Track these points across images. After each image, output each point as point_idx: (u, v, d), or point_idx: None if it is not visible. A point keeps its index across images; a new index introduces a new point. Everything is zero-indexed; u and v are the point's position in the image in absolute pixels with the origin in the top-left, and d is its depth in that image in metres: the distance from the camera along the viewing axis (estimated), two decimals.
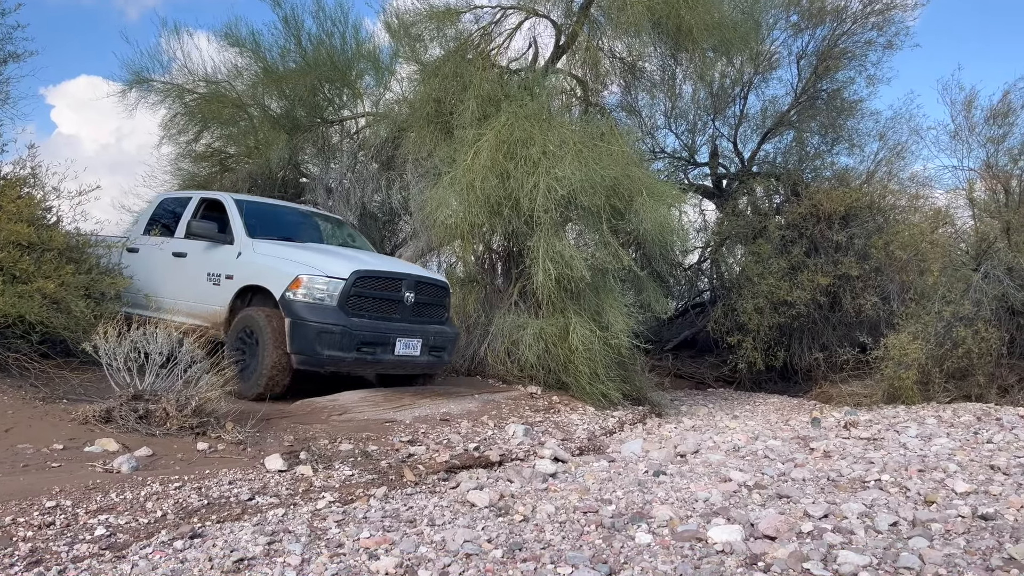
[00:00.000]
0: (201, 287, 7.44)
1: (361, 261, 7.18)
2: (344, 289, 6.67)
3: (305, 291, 6.61)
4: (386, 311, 7.02)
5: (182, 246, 7.85)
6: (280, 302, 6.65)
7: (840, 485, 4.68)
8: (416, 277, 7.37)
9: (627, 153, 8.98)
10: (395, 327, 7.01)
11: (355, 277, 6.76)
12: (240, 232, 7.43)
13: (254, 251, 7.20)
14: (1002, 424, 6.59)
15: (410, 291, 7.19)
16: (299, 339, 6.49)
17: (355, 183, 10.84)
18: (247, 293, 7.12)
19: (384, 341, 6.88)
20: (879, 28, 11.64)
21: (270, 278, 6.85)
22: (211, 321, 7.24)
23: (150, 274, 7.92)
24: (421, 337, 7.16)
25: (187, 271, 7.64)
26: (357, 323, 6.67)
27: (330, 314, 6.57)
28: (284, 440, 5.35)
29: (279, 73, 11.29)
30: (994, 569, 3.03)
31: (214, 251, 7.49)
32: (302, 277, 6.63)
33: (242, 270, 7.15)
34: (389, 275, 7.14)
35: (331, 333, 6.51)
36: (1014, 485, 4.48)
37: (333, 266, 6.82)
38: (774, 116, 12.53)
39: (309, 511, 4.00)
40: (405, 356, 7.06)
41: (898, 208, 11.46)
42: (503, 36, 10.40)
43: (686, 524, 3.74)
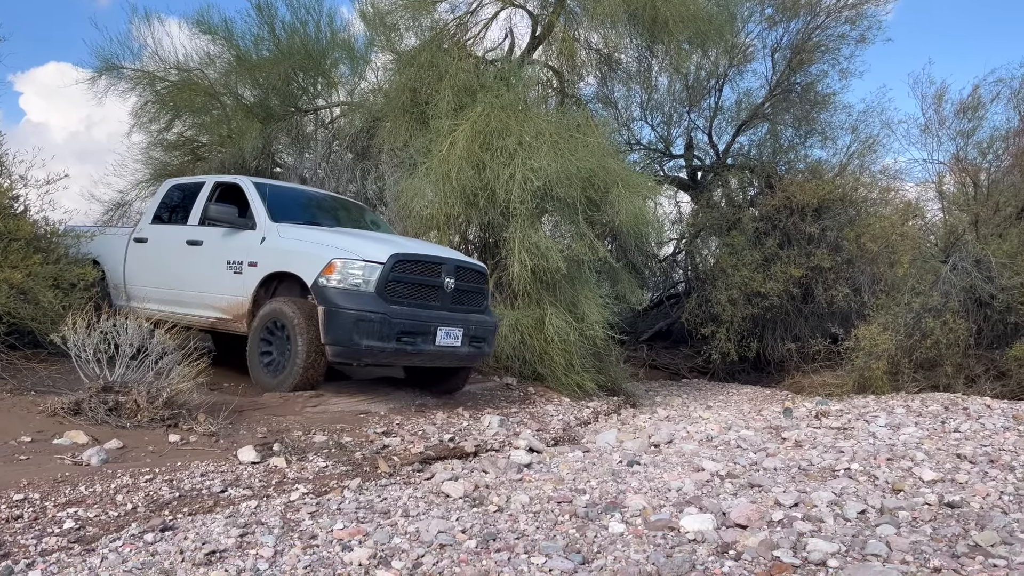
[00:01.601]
0: (220, 276, 6.96)
1: (398, 244, 6.70)
2: (382, 274, 6.19)
3: (340, 277, 6.12)
4: (426, 298, 6.53)
5: (197, 233, 7.35)
6: (312, 289, 6.20)
7: (810, 474, 4.74)
8: (456, 261, 6.87)
9: (603, 145, 9.01)
10: (435, 315, 6.51)
11: (393, 261, 6.27)
12: (263, 216, 6.91)
13: (280, 236, 6.70)
14: (969, 414, 6.70)
15: (450, 277, 6.68)
16: (335, 329, 6.02)
17: (330, 173, 10.76)
18: (272, 282, 6.70)
19: (425, 330, 6.39)
20: (852, 22, 11.76)
21: (300, 264, 6.37)
22: (232, 313, 6.84)
23: (161, 265, 7.54)
24: (462, 326, 6.67)
25: (203, 260, 7.16)
26: (397, 311, 6.19)
27: (368, 301, 6.10)
28: (257, 432, 5.31)
29: (252, 61, 11.17)
30: (960, 555, 3.09)
31: (234, 237, 6.98)
32: (336, 262, 6.14)
33: (268, 256, 6.65)
34: (429, 259, 6.62)
35: (369, 321, 6.03)
36: (980, 473, 4.56)
37: (369, 250, 6.34)
38: (748, 109, 12.62)
39: (282, 503, 3.97)
40: (446, 347, 6.56)
41: (870, 201, 11.61)
42: (479, 26, 10.37)
43: (659, 513, 3.77)
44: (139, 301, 7.57)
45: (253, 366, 6.49)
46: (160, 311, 7.26)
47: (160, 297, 7.43)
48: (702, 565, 2.99)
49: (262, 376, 6.41)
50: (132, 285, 7.82)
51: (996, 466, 4.71)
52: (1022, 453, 5.00)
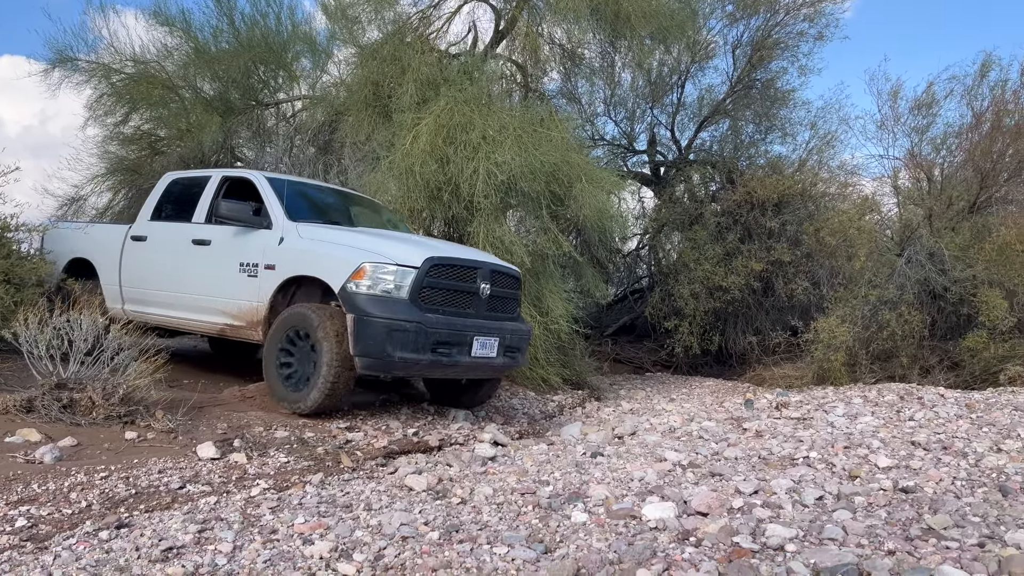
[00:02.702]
0: (231, 279, 6.39)
1: (430, 246, 6.21)
2: (416, 279, 5.67)
3: (370, 282, 5.58)
4: (461, 305, 6.01)
5: (204, 232, 6.79)
6: (340, 295, 5.64)
7: (770, 463, 4.81)
8: (491, 265, 6.36)
9: (567, 139, 9.02)
10: (471, 324, 5.99)
11: (429, 265, 5.75)
12: (279, 214, 6.38)
13: (300, 236, 6.15)
14: (923, 402, 6.85)
15: (485, 282, 6.15)
16: (365, 339, 5.46)
17: (291, 167, 10.62)
18: (289, 286, 6.16)
19: (461, 340, 5.87)
20: (810, 20, 11.92)
21: (326, 267, 5.83)
22: (245, 319, 6.29)
23: (163, 266, 7.00)
24: (498, 335, 6.17)
25: (212, 261, 6.62)
26: (432, 319, 5.68)
27: (401, 309, 5.58)
28: (217, 428, 5.23)
29: (211, 54, 10.97)
30: (913, 538, 3.15)
31: (247, 237, 6.43)
32: (366, 266, 5.60)
33: (287, 258, 6.09)
34: (466, 263, 6.11)
35: (404, 331, 5.52)
36: (933, 460, 4.67)
37: (402, 252, 5.81)
38: (710, 105, 12.74)
39: (243, 498, 3.92)
40: (481, 358, 6.05)
41: (828, 195, 11.80)
42: (442, 20, 10.33)
43: (621, 503, 3.80)
44: (137, 305, 7.17)
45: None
46: (161, 316, 6.97)
47: (161, 301, 6.97)
48: (663, 552, 3.02)
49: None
50: (129, 287, 7.31)
51: (949, 452, 4.83)
52: (974, 440, 5.13)
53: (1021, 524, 3.26)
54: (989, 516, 3.40)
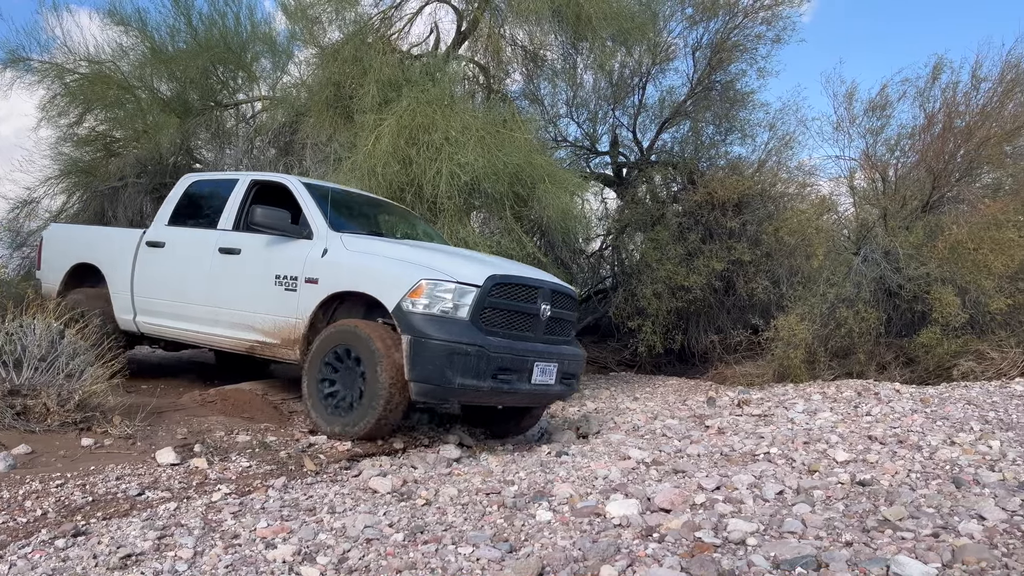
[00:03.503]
0: (266, 293, 5.91)
1: (491, 263, 5.79)
2: (478, 299, 5.24)
3: (428, 301, 5.14)
4: (521, 328, 5.60)
5: (232, 240, 6.30)
6: (395, 314, 5.19)
7: (732, 459, 4.88)
8: (552, 285, 5.95)
9: (529, 141, 9.06)
10: (531, 348, 5.58)
11: (491, 284, 5.33)
12: (321, 224, 5.91)
13: (346, 248, 5.68)
14: (880, 398, 7.00)
15: (546, 303, 5.75)
16: (423, 363, 5.04)
17: (252, 169, 10.50)
18: (331, 302, 5.70)
19: (522, 366, 5.46)
20: (768, 23, 12.07)
21: (379, 283, 5.36)
22: (280, 336, 5.83)
23: (183, 276, 6.51)
24: (557, 361, 5.77)
25: (242, 272, 6.13)
26: (494, 343, 5.27)
27: (463, 331, 5.15)
28: (177, 433, 5.15)
29: (168, 54, 10.80)
30: (870, 530, 3.22)
31: (284, 247, 5.94)
32: (424, 283, 5.16)
33: (332, 272, 5.62)
34: (529, 282, 5.70)
35: (465, 355, 5.10)
36: (889, 453, 4.77)
37: (463, 269, 5.39)
38: (671, 106, 12.84)
39: (203, 504, 3.87)
40: (540, 385, 5.64)
41: (787, 196, 11.96)
42: (404, 21, 10.31)
43: (586, 501, 3.82)
44: (151, 316, 6.74)
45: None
46: (180, 330, 6.55)
47: (181, 313, 6.48)
48: (627, 548, 3.05)
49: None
50: (143, 297, 6.82)
51: (904, 446, 4.94)
52: (928, 434, 5.25)
53: (973, 514, 3.34)
54: (943, 507, 3.49)
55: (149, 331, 6.83)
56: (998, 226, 9.00)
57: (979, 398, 6.66)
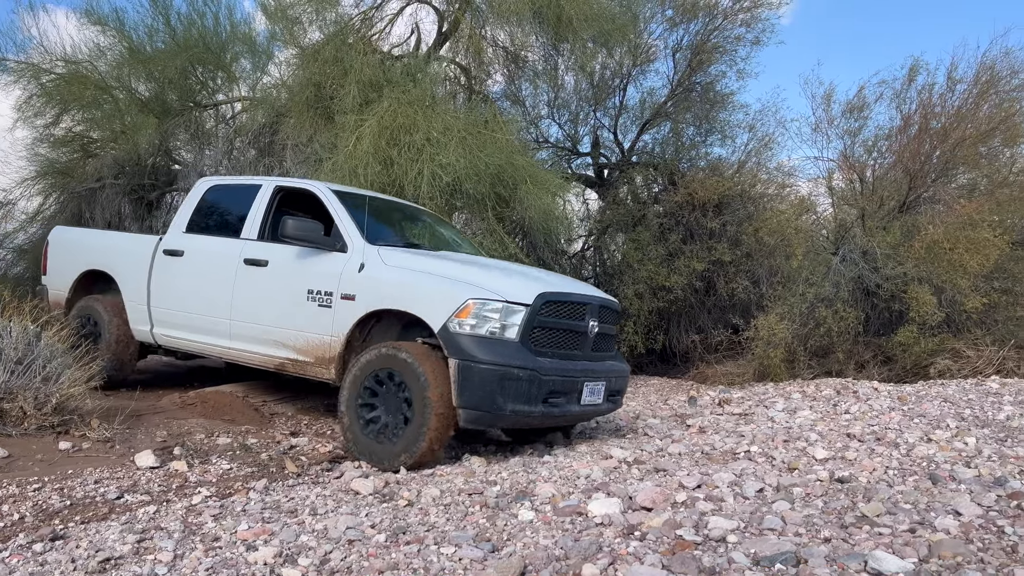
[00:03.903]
0: (297, 309, 5.61)
1: (539, 279, 5.53)
2: (527, 319, 4.99)
3: (475, 321, 4.87)
4: (569, 346, 5.36)
5: (258, 251, 5.99)
6: (441, 336, 4.90)
7: (713, 457, 4.91)
8: (600, 301, 5.71)
9: (511, 142, 9.08)
10: (580, 368, 5.33)
11: (541, 302, 5.08)
12: (355, 236, 5.58)
13: (384, 263, 5.37)
14: (858, 396, 7.07)
15: (594, 319, 5.50)
16: (472, 388, 4.77)
17: (232, 170, 10.44)
18: (368, 320, 5.40)
19: (572, 388, 5.23)
20: (747, 25, 12.18)
21: (424, 302, 5.05)
22: (313, 355, 5.54)
23: (205, 287, 6.22)
24: (604, 380, 5.55)
25: (271, 286, 5.83)
26: (546, 365, 5.01)
27: (513, 353, 4.88)
28: (156, 436, 5.11)
29: (146, 54, 10.73)
30: (848, 526, 3.26)
31: (316, 260, 5.63)
32: (472, 303, 4.87)
33: (370, 288, 5.31)
34: (578, 299, 5.45)
35: (516, 380, 4.83)
36: (867, 450, 4.82)
37: (511, 287, 5.11)
38: (652, 107, 12.91)
39: (183, 507, 3.84)
40: (589, 405, 5.44)
41: (767, 196, 12.07)
42: (384, 21, 10.28)
43: (568, 500, 3.83)
44: (169, 328, 6.47)
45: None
46: (201, 344, 6.28)
47: (202, 326, 6.21)
48: (608, 546, 3.06)
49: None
50: (160, 308, 6.55)
51: (882, 443, 4.99)
52: (906, 431, 5.31)
53: (950, 510, 3.39)
54: (919, 503, 3.53)
55: (167, 343, 6.61)
56: (973, 226, 9.12)
57: (955, 396, 6.75)
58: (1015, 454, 4.43)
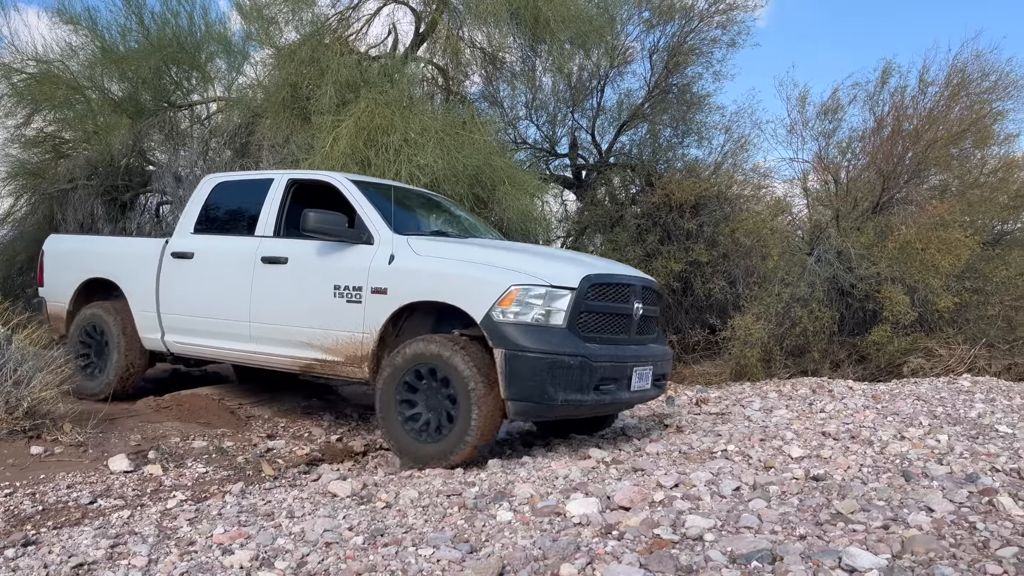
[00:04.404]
0: (324, 306, 5.38)
1: (582, 262, 5.33)
2: (574, 303, 4.81)
3: (519, 308, 4.69)
4: (615, 331, 5.19)
5: (276, 248, 5.75)
6: (485, 326, 4.72)
7: (690, 457, 4.94)
8: (642, 281, 5.54)
9: (489, 143, 9.08)
10: (628, 353, 5.18)
11: (587, 286, 4.90)
12: (381, 226, 5.37)
13: (416, 253, 5.16)
14: (833, 395, 7.15)
15: (639, 301, 5.34)
16: (521, 379, 4.61)
17: (207, 171, 10.33)
18: (400, 314, 5.19)
19: (622, 374, 5.07)
20: (723, 27, 12.27)
21: (463, 292, 4.86)
22: (344, 353, 5.31)
23: (220, 289, 5.96)
24: (651, 364, 5.40)
25: (293, 284, 5.60)
26: (595, 351, 4.86)
27: (561, 340, 4.72)
28: (130, 440, 5.05)
29: (119, 53, 10.60)
30: (823, 523, 3.29)
31: (341, 254, 5.41)
32: (515, 289, 4.70)
33: (403, 280, 5.09)
34: (623, 280, 5.29)
35: (567, 368, 4.67)
36: (842, 448, 4.87)
37: (555, 271, 4.92)
38: (629, 109, 12.97)
39: (158, 511, 3.80)
40: (637, 391, 5.27)
41: (743, 197, 12.17)
42: (361, 22, 10.25)
43: (546, 500, 3.83)
44: (183, 335, 6.20)
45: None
46: (219, 349, 6.04)
47: (219, 331, 5.96)
48: (586, 546, 3.07)
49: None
50: (171, 314, 6.27)
51: (856, 441, 5.05)
52: (879, 429, 5.37)
53: (922, 507, 3.43)
54: (893, 500, 3.57)
55: (180, 351, 6.35)
56: (945, 226, 9.25)
57: (928, 394, 6.84)
58: (986, 451, 4.50)
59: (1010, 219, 11.00)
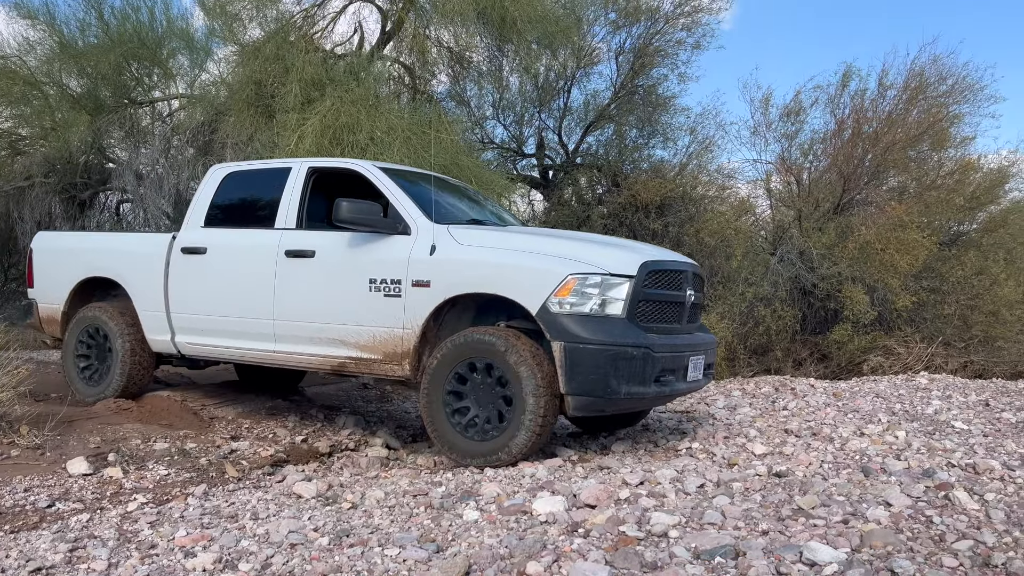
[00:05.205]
0: (358, 301, 5.08)
1: (637, 249, 5.16)
2: (633, 292, 4.62)
3: (577, 298, 4.51)
4: (670, 320, 5.02)
5: (300, 240, 5.42)
6: (541, 317, 4.52)
7: (655, 455, 4.98)
8: (692, 267, 5.37)
9: (456, 142, 9.07)
10: (683, 342, 5.03)
11: (645, 273, 4.71)
12: (418, 215, 5.08)
13: (458, 243, 4.90)
14: (796, 393, 7.26)
15: (690, 288, 5.17)
16: (583, 372, 4.43)
17: (169, 169, 10.19)
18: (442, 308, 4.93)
19: (680, 364, 4.92)
20: (688, 29, 12.40)
21: (516, 282, 4.63)
22: (382, 351, 5.03)
23: (238, 286, 5.61)
24: (704, 353, 5.25)
25: (322, 278, 5.28)
26: (656, 341, 4.69)
27: (623, 330, 4.56)
28: (89, 442, 4.96)
29: (78, 49, 10.40)
30: (785, 518, 3.34)
31: (375, 246, 5.10)
32: (573, 278, 4.51)
33: (448, 272, 4.83)
34: (677, 266, 5.12)
35: (630, 359, 4.50)
36: (804, 445, 4.95)
37: (610, 258, 4.71)
38: (596, 110, 13.04)
39: (118, 514, 3.74)
40: (692, 382, 5.13)
41: (707, 198, 12.30)
42: (327, 19, 10.18)
43: (513, 499, 3.84)
44: (196, 335, 5.84)
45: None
46: (239, 349, 5.69)
47: (238, 330, 5.61)
48: (553, 544, 3.08)
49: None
50: (183, 314, 5.88)
51: (818, 438, 5.14)
52: (840, 426, 5.47)
53: (881, 501, 3.50)
54: (852, 495, 3.64)
55: (193, 352, 6.00)
56: (903, 227, 9.46)
57: (887, 391, 6.97)
58: (942, 446, 4.61)
59: (966, 220, 11.28)
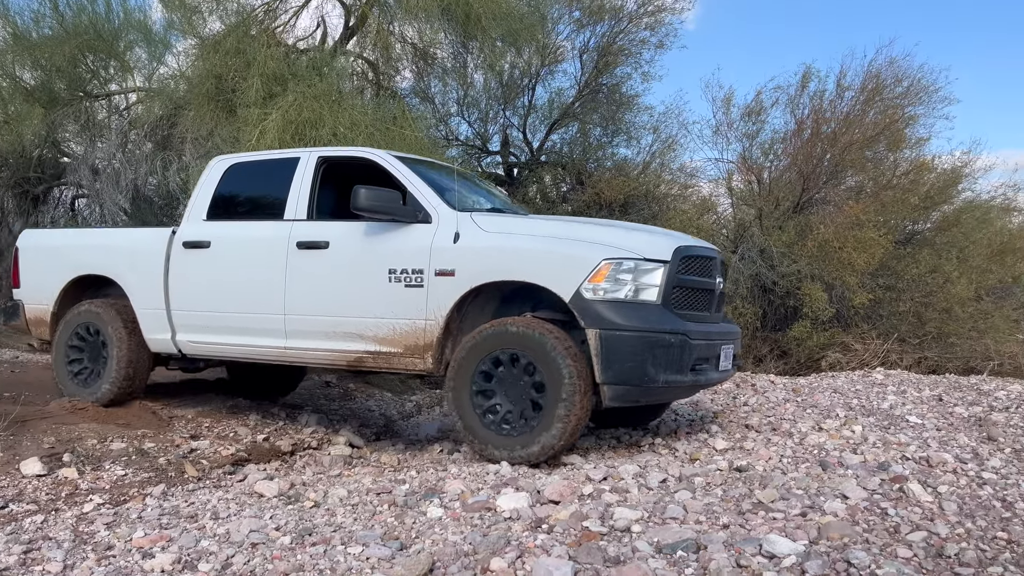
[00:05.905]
0: (377, 292, 4.89)
1: (667, 234, 5.05)
2: (667, 277, 4.49)
3: (611, 284, 4.37)
4: (701, 307, 4.90)
5: (315, 232, 5.20)
6: (575, 305, 4.37)
7: (618, 450, 5.02)
8: (719, 254, 5.25)
9: (420, 139, 9.04)
10: (715, 330, 4.92)
11: (679, 258, 4.61)
12: (438, 203, 4.91)
13: (482, 230, 4.74)
14: (756, 389, 7.36)
15: (719, 275, 5.08)
16: (620, 360, 4.29)
17: (126, 164, 9.99)
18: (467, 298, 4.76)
19: (713, 352, 4.82)
20: (652, 28, 12.51)
21: (548, 269, 4.48)
22: (404, 343, 4.85)
23: (246, 280, 5.41)
24: (733, 341, 5.15)
25: (336, 270, 5.09)
26: (692, 328, 4.56)
27: (660, 317, 4.42)
28: (43, 442, 4.84)
29: (32, 40, 10.17)
30: (745, 512, 3.39)
31: (394, 235, 4.92)
32: (606, 264, 4.37)
33: (474, 260, 4.66)
34: (708, 253, 5.02)
35: (667, 346, 4.37)
36: (764, 440, 5.02)
37: (644, 243, 4.59)
38: (560, 108, 13.09)
39: (74, 515, 3.66)
40: (723, 372, 5.05)
41: (670, 196, 12.44)
42: (289, 14, 10.06)
43: (477, 496, 3.84)
44: (200, 333, 5.61)
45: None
46: (247, 347, 5.48)
47: (246, 326, 5.39)
48: (516, 540, 3.09)
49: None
50: (184, 311, 5.65)
51: (777, 433, 5.21)
52: (799, 421, 5.56)
53: (838, 494, 3.57)
54: (810, 488, 3.71)
55: (196, 351, 5.78)
56: (860, 226, 9.65)
57: (844, 387, 7.10)
58: (897, 440, 4.71)
59: (920, 219, 11.54)
